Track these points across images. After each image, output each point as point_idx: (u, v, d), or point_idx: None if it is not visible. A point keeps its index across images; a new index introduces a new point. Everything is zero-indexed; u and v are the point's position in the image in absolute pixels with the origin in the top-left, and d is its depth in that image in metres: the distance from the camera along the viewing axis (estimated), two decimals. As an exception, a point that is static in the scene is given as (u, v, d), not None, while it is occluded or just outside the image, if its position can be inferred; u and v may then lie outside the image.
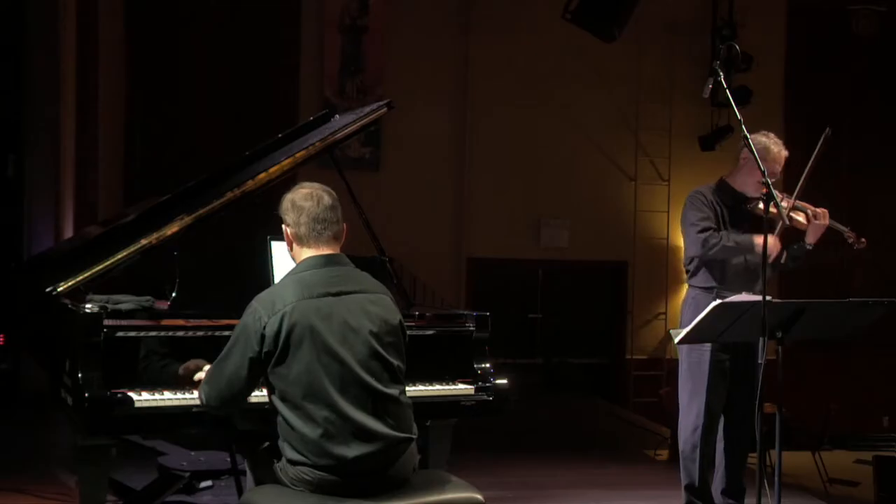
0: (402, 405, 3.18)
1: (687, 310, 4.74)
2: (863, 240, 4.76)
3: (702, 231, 4.65)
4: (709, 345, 4.61)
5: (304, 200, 3.24)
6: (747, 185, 4.68)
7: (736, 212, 4.71)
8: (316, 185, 3.30)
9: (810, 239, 4.71)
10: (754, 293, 4.32)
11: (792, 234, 4.77)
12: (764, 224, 3.97)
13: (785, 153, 4.64)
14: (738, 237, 4.63)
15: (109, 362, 3.35)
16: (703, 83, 4.35)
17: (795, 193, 4.64)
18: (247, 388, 3.14)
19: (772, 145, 4.60)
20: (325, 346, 3.06)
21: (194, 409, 3.34)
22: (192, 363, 3.47)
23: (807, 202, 4.73)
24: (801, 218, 4.70)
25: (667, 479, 5.92)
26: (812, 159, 4.53)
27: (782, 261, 4.75)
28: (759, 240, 4.50)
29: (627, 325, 10.95)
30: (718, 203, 4.73)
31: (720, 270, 4.70)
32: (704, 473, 4.72)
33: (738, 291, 4.48)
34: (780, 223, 4.50)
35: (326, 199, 3.25)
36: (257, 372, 3.11)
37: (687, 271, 4.88)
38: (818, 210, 4.70)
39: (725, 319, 3.92)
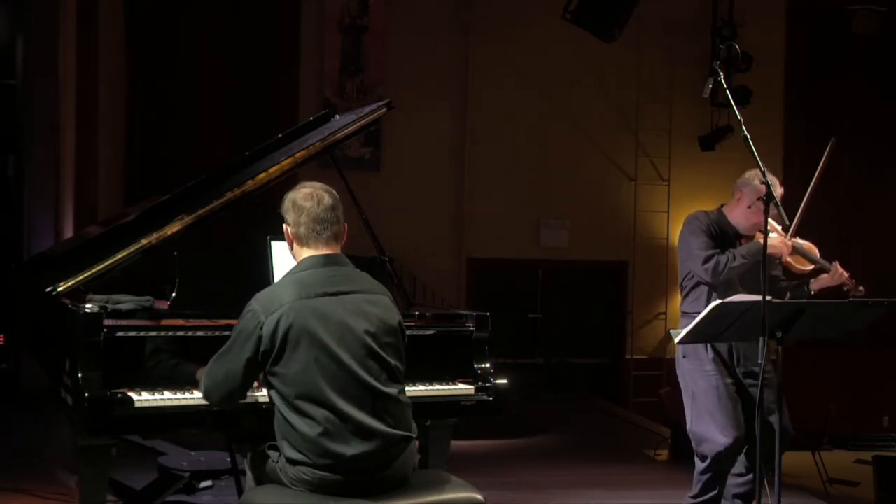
0: (401, 404, 3.18)
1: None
2: (861, 288, 4.73)
3: (707, 260, 4.57)
4: (711, 368, 4.57)
5: (304, 200, 3.24)
6: (740, 223, 4.68)
7: (728, 244, 4.69)
8: (317, 184, 3.31)
9: (815, 287, 4.70)
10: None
11: (803, 233, 4.76)
12: (764, 226, 3.97)
13: (780, 191, 4.54)
14: (742, 250, 4.58)
15: (109, 362, 3.35)
16: (703, 83, 4.34)
17: (792, 229, 4.61)
18: (243, 386, 3.16)
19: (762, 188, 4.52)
20: (322, 345, 3.06)
21: (196, 409, 3.34)
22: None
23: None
24: (796, 263, 4.68)
25: (667, 479, 5.93)
26: (817, 174, 4.53)
27: (788, 296, 4.71)
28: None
29: (627, 325, 10.95)
30: (713, 229, 4.70)
31: (728, 291, 4.65)
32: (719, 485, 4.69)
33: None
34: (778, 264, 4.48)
35: (327, 200, 3.25)
36: (254, 370, 3.12)
37: (681, 289, 4.83)
38: (839, 269, 4.66)
39: (725, 319, 3.92)
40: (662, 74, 10.73)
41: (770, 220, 4.44)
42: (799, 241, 4.71)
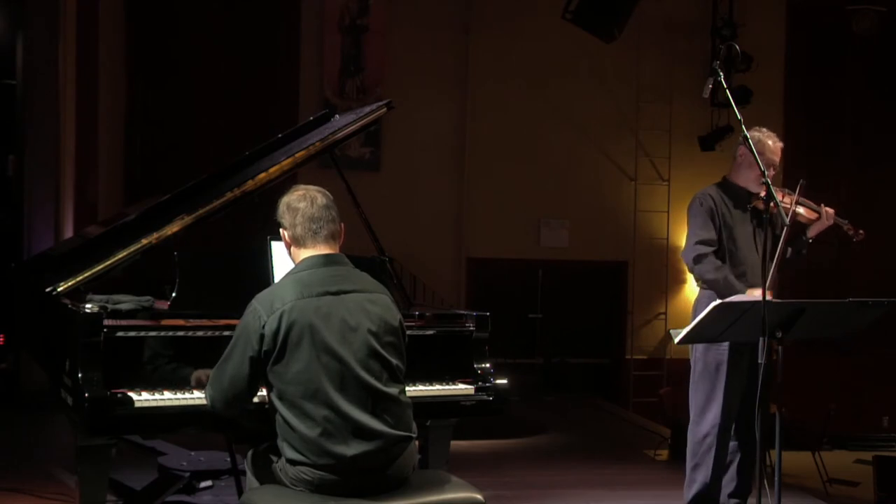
0: (401, 404, 3.18)
1: (700, 308, 4.70)
2: (861, 232, 4.79)
3: (699, 243, 4.63)
4: (726, 345, 4.58)
5: (298, 202, 3.25)
6: (749, 180, 4.68)
7: (740, 209, 4.71)
8: (311, 186, 3.32)
9: (811, 233, 4.73)
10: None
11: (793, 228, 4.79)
12: (764, 222, 3.98)
13: (780, 144, 4.67)
14: (730, 278, 4.58)
15: (109, 362, 3.35)
16: (703, 83, 4.34)
17: (797, 192, 4.66)
18: (249, 388, 3.14)
19: (766, 139, 4.62)
20: (324, 344, 3.06)
21: (196, 409, 3.34)
22: (202, 374, 3.47)
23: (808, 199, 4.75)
24: (803, 211, 4.71)
25: (667, 479, 5.92)
26: (792, 209, 4.57)
27: (787, 255, 4.74)
28: (749, 292, 4.50)
29: (627, 325, 10.95)
30: (723, 202, 4.72)
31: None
32: (716, 475, 4.69)
33: (751, 283, 4.48)
34: (784, 231, 4.49)
35: (320, 199, 3.26)
36: (259, 371, 3.11)
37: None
38: (827, 210, 4.71)
39: (725, 319, 3.92)
40: (662, 74, 10.74)
41: (778, 189, 4.47)
42: (801, 198, 4.72)
